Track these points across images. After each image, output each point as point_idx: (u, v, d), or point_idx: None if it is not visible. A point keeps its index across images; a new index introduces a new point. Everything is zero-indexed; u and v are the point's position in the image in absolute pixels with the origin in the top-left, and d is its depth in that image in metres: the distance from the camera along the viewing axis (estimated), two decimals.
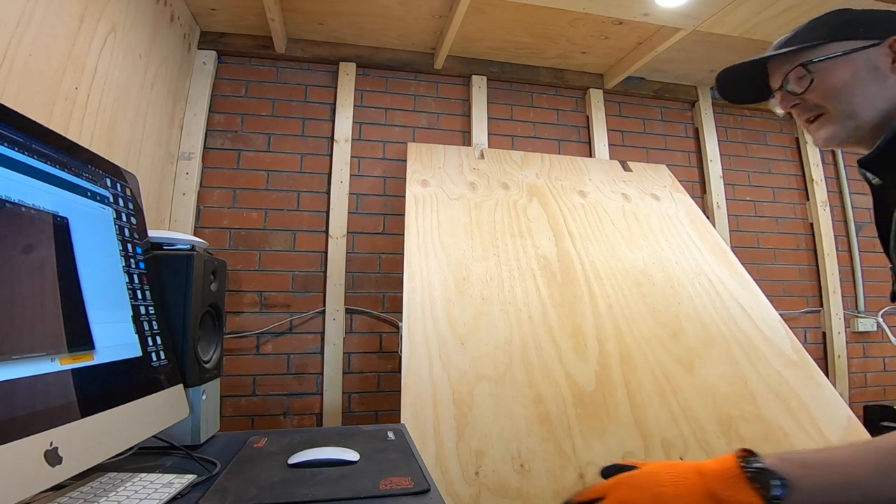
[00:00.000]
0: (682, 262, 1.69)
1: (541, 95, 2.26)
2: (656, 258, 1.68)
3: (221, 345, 1.09)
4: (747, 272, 1.70)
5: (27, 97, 0.98)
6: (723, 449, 1.23)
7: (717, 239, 1.84)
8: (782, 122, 2.53)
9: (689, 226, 1.87)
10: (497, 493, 1.08)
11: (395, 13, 1.81)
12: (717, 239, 1.84)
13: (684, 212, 1.94)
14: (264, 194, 1.89)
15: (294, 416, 1.79)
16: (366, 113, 2.05)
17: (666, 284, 1.58)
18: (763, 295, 1.61)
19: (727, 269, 1.71)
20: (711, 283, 1.63)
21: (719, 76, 0.81)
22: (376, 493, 0.70)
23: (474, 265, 1.54)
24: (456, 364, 1.29)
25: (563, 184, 1.93)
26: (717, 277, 1.66)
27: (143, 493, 0.65)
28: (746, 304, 1.56)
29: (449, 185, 1.79)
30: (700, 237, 1.82)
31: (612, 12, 1.71)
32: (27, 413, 0.52)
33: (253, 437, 0.98)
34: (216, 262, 1.06)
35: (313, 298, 1.87)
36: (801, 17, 1.67)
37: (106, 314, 0.71)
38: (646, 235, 1.77)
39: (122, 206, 0.82)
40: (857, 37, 0.68)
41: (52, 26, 1.05)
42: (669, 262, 1.68)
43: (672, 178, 2.13)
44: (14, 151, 0.59)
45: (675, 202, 1.99)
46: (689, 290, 1.58)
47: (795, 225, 2.41)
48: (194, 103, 1.84)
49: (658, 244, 1.74)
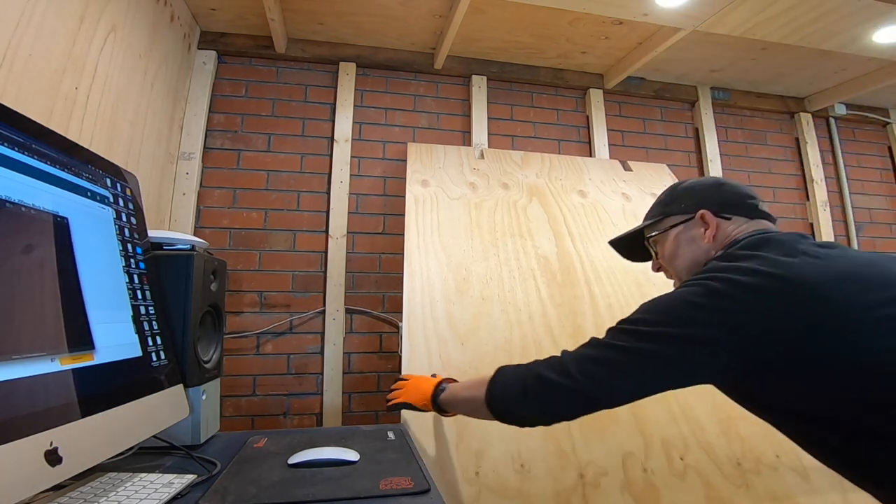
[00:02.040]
0: None
1: (541, 95, 2.26)
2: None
3: (221, 345, 1.09)
4: None
5: (27, 97, 0.98)
6: (723, 449, 1.23)
7: None
8: (782, 122, 2.54)
9: None
10: (497, 493, 1.08)
11: (395, 13, 1.81)
12: None
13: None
14: (264, 194, 1.89)
15: (294, 416, 1.79)
16: (366, 113, 2.05)
17: (667, 284, 1.57)
18: None
19: None
20: None
21: (614, 246, 1.07)
22: (376, 493, 0.70)
23: (474, 265, 1.54)
24: (456, 364, 1.29)
25: (564, 184, 1.93)
26: None
27: (143, 493, 0.65)
28: None
29: (449, 185, 1.79)
30: None
31: (612, 12, 1.71)
32: (27, 413, 0.52)
33: (253, 437, 0.98)
34: (216, 262, 1.06)
35: (313, 298, 1.87)
36: (801, 17, 1.69)
37: (106, 314, 0.71)
38: None
39: (122, 206, 0.82)
40: (678, 212, 0.91)
41: (52, 26, 1.05)
42: None
43: (672, 177, 2.13)
44: (14, 151, 0.59)
45: None
46: None
47: (795, 225, 2.41)
48: (194, 103, 1.84)
49: None
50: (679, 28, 1.78)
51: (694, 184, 0.94)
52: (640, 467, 1.17)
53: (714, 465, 1.20)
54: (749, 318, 0.65)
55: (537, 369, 0.79)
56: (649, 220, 0.96)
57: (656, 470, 1.18)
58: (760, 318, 0.65)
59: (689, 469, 1.19)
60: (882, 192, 2.57)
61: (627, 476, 1.15)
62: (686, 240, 0.89)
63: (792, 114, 2.54)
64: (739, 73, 2.28)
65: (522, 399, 0.78)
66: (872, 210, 2.53)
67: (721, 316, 0.66)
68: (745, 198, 0.87)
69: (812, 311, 0.64)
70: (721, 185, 0.91)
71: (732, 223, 0.85)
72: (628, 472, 1.16)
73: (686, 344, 0.68)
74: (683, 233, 0.89)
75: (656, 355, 0.69)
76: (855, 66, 2.15)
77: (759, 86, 2.42)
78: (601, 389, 0.73)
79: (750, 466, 1.21)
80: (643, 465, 1.17)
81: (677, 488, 1.15)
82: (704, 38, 1.90)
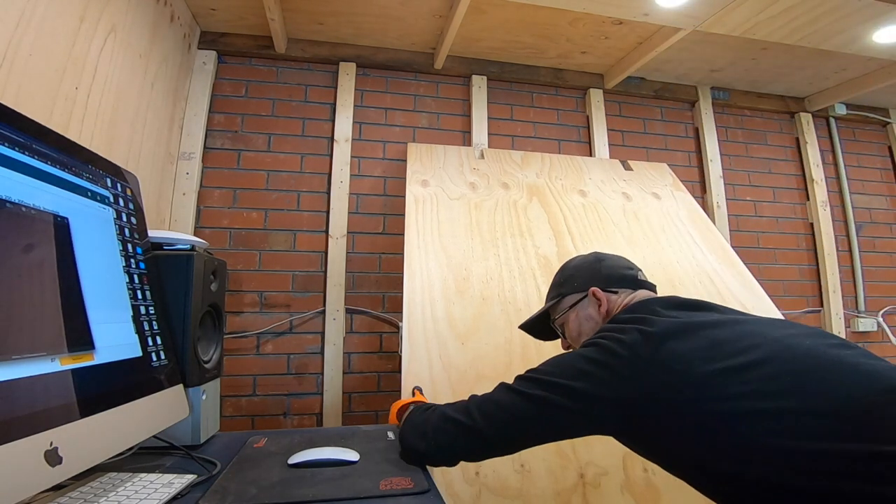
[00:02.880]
0: (683, 261, 1.69)
1: (541, 95, 2.26)
2: (657, 257, 1.68)
3: (221, 345, 1.09)
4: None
5: (27, 97, 0.98)
6: None
7: (718, 238, 1.84)
8: (782, 122, 2.54)
9: (691, 225, 1.87)
10: (497, 493, 1.08)
11: (395, 13, 1.81)
12: (719, 237, 1.84)
13: (685, 210, 1.94)
14: (264, 194, 1.89)
15: (294, 416, 1.79)
16: (366, 113, 2.05)
17: (667, 283, 1.58)
18: (765, 293, 1.61)
19: (728, 267, 1.70)
20: (713, 282, 1.63)
21: (525, 330, 1.11)
22: (376, 493, 0.70)
23: (474, 265, 1.54)
24: (456, 364, 1.29)
25: (564, 183, 1.92)
26: (718, 276, 1.66)
27: (143, 493, 0.65)
28: (748, 302, 1.56)
29: (449, 185, 1.79)
30: (701, 236, 1.82)
31: (612, 12, 1.71)
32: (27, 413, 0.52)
33: (253, 437, 0.98)
34: (216, 262, 1.06)
35: (313, 298, 1.87)
36: (801, 17, 1.69)
37: (106, 314, 0.71)
38: (646, 234, 1.77)
39: (122, 206, 0.82)
40: (573, 291, 0.99)
41: (52, 26, 1.05)
42: (670, 261, 1.68)
43: (673, 176, 2.13)
44: (14, 151, 0.59)
45: (676, 201, 1.98)
46: (691, 289, 1.58)
47: (795, 225, 2.41)
48: (194, 103, 1.84)
49: (659, 243, 1.74)
50: (679, 28, 1.78)
51: (580, 262, 1.04)
52: (641, 467, 1.17)
53: None
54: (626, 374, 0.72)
55: (442, 409, 0.84)
56: (549, 303, 1.04)
57: (657, 470, 1.16)
58: (635, 375, 0.71)
59: None
60: (882, 192, 2.57)
61: (628, 476, 1.15)
62: (585, 318, 0.96)
63: (792, 114, 2.54)
64: (739, 73, 2.28)
65: (422, 438, 0.82)
66: (872, 210, 2.53)
67: (608, 371, 0.73)
68: (624, 270, 0.98)
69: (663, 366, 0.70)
70: (601, 261, 1.00)
71: (619, 296, 0.94)
72: (629, 472, 1.16)
73: (578, 397, 0.73)
74: (581, 311, 0.97)
75: (552, 404, 0.74)
76: (855, 66, 2.15)
77: (759, 86, 2.42)
78: (496, 431, 0.77)
79: None
80: (644, 464, 1.17)
81: (678, 488, 1.14)
82: (704, 38, 1.90)
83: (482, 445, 0.79)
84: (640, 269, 1.00)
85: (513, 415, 0.77)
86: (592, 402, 0.73)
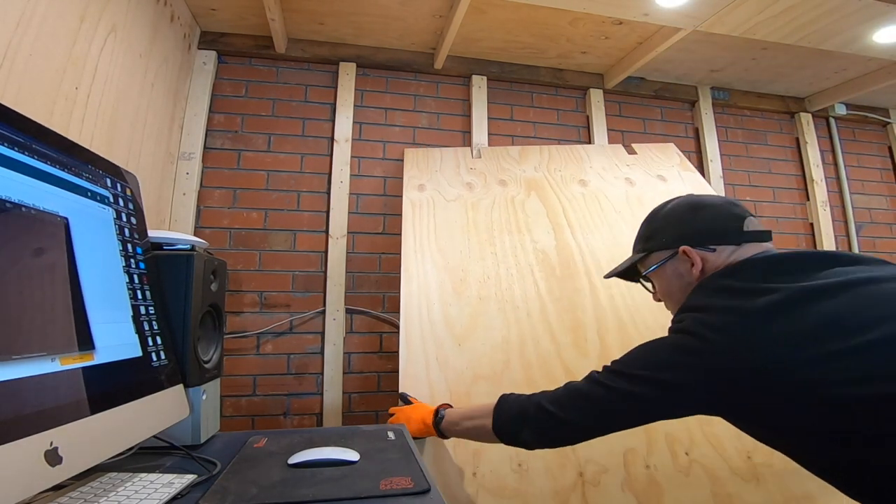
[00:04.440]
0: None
1: (541, 95, 2.26)
2: None
3: (221, 345, 1.09)
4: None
5: (27, 97, 0.98)
6: (732, 441, 1.21)
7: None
8: (782, 122, 2.54)
9: None
10: (495, 494, 1.08)
11: (395, 13, 1.81)
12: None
13: (693, 191, 1.84)
14: (264, 194, 1.89)
15: (294, 416, 1.79)
16: (366, 113, 2.05)
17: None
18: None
19: None
20: None
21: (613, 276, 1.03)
22: (376, 493, 0.70)
23: (471, 265, 1.53)
24: (453, 366, 1.29)
25: (563, 174, 1.89)
26: None
27: (143, 493, 0.65)
28: None
29: (445, 187, 1.78)
30: None
31: (612, 12, 1.71)
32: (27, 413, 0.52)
33: (253, 437, 0.98)
34: (216, 262, 1.06)
35: (313, 298, 1.87)
36: (801, 17, 1.69)
37: (106, 314, 0.71)
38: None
39: (122, 206, 0.83)
40: (661, 248, 0.89)
41: (52, 26, 1.05)
42: None
43: (681, 156, 2.06)
44: (14, 151, 0.59)
45: (683, 181, 1.92)
46: None
47: (795, 225, 2.41)
48: (194, 103, 1.84)
49: None
50: (679, 28, 1.78)
51: (671, 211, 0.90)
52: (643, 464, 1.16)
53: (721, 459, 1.18)
54: (719, 359, 0.68)
55: (538, 399, 0.87)
56: (635, 257, 0.95)
57: (659, 466, 1.16)
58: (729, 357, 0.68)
59: (695, 464, 1.17)
60: (882, 192, 2.57)
61: (629, 473, 1.14)
62: (674, 276, 0.87)
63: (792, 114, 2.54)
64: (739, 73, 2.28)
65: (523, 426, 0.87)
66: (872, 210, 2.53)
67: (696, 359, 0.71)
68: (727, 221, 0.84)
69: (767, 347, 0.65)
70: (697, 211, 0.87)
71: (717, 254, 0.82)
72: (630, 469, 1.15)
73: (667, 388, 0.73)
74: (670, 269, 0.88)
75: (640, 397, 0.76)
76: (855, 66, 2.15)
77: (760, 86, 2.42)
78: (591, 422, 0.82)
79: (761, 459, 1.18)
80: (645, 461, 1.16)
81: (681, 484, 1.14)
82: (704, 38, 1.90)
83: (579, 434, 0.84)
84: (748, 215, 0.84)
85: (603, 409, 0.80)
86: (682, 390, 0.72)
